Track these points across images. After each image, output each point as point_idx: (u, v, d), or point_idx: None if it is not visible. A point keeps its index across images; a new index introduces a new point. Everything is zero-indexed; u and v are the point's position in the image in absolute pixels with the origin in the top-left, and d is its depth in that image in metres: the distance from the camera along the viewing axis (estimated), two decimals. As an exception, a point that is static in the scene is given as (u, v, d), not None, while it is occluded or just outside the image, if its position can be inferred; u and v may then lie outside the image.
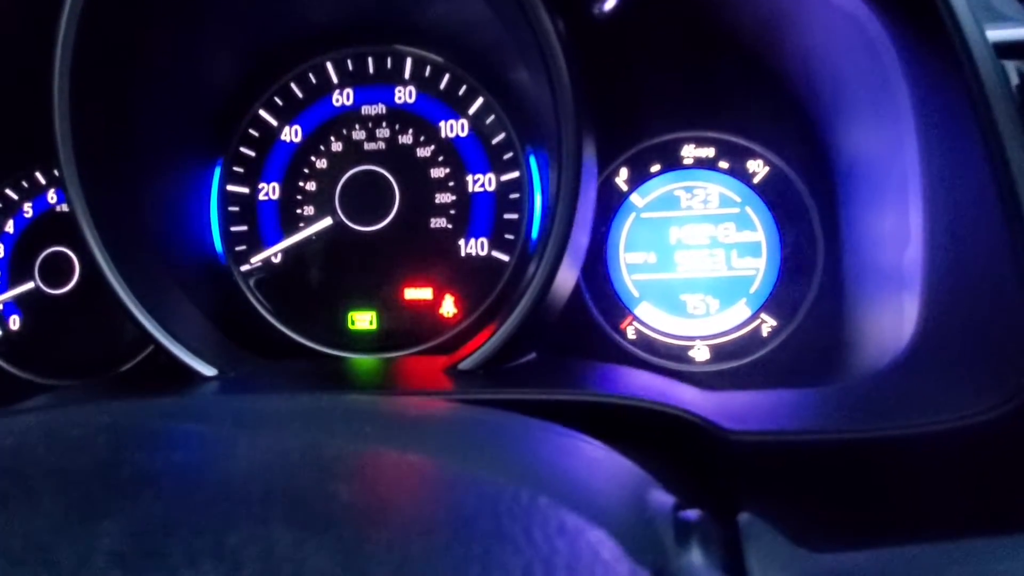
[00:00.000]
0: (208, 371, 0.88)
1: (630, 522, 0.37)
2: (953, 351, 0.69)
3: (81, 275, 1.15)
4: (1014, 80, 0.66)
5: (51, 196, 1.17)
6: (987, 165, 0.64)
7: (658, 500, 0.45)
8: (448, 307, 1.10)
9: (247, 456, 0.30)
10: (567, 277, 0.89)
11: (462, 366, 0.85)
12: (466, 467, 0.33)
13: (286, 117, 1.13)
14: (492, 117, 1.09)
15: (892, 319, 0.80)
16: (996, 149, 0.64)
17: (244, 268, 1.13)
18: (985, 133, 0.64)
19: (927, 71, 0.72)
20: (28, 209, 1.18)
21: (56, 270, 1.16)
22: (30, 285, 1.16)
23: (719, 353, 1.05)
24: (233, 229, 1.14)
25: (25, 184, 1.18)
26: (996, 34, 0.66)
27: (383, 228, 1.10)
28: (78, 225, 0.87)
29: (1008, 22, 0.69)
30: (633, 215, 1.08)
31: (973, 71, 0.64)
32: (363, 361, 1.04)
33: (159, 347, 0.88)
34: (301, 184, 1.13)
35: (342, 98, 1.13)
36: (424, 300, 1.10)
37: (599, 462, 0.47)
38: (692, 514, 0.45)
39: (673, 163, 1.08)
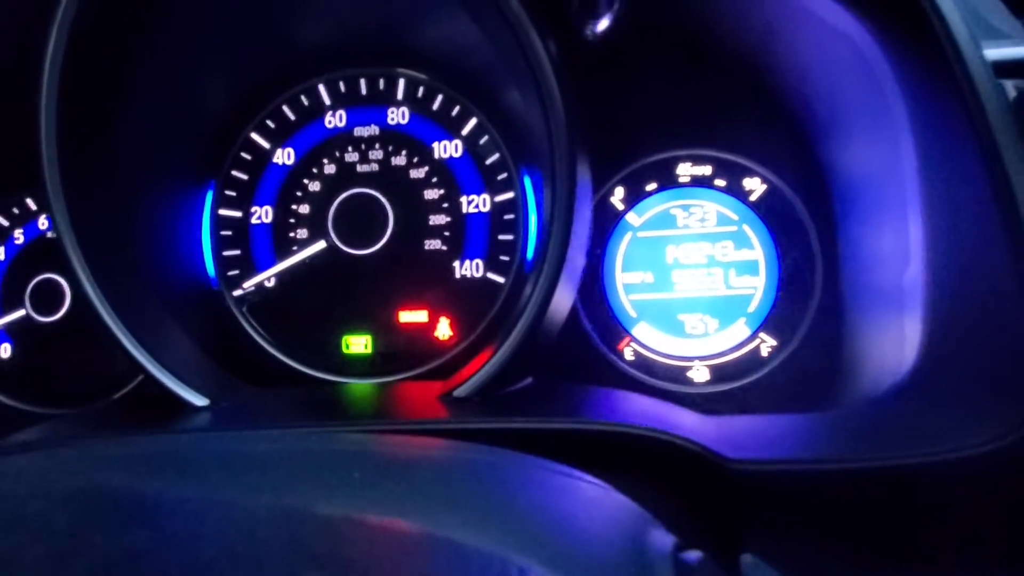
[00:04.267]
0: (199, 401, 0.87)
1: (628, 572, 0.36)
2: (956, 377, 0.67)
3: (72, 302, 1.14)
4: (1012, 97, 0.64)
5: (42, 222, 1.16)
6: (987, 183, 0.63)
7: (657, 542, 0.43)
8: (443, 330, 1.08)
9: (217, 536, 0.28)
10: (564, 298, 0.87)
11: (457, 393, 0.84)
12: (456, 532, 0.31)
13: (278, 140, 1.13)
14: (486, 137, 1.08)
15: (893, 341, 0.79)
16: (996, 167, 0.63)
17: (237, 293, 1.12)
18: (984, 151, 0.63)
19: (924, 89, 0.71)
20: (19, 236, 1.16)
21: (47, 297, 1.14)
22: (21, 313, 1.15)
23: (719, 374, 1.04)
24: (226, 253, 1.13)
25: (16, 210, 1.17)
26: (994, 52, 0.65)
27: (377, 251, 1.09)
28: (65, 252, 0.86)
29: (1006, 40, 0.68)
30: (629, 234, 1.07)
31: (971, 90, 0.63)
32: (358, 387, 1.02)
33: (149, 377, 0.87)
34: (294, 207, 1.12)
35: (335, 120, 1.12)
36: (419, 323, 1.09)
37: (595, 503, 0.46)
38: (693, 556, 0.44)
39: (669, 181, 1.06)
